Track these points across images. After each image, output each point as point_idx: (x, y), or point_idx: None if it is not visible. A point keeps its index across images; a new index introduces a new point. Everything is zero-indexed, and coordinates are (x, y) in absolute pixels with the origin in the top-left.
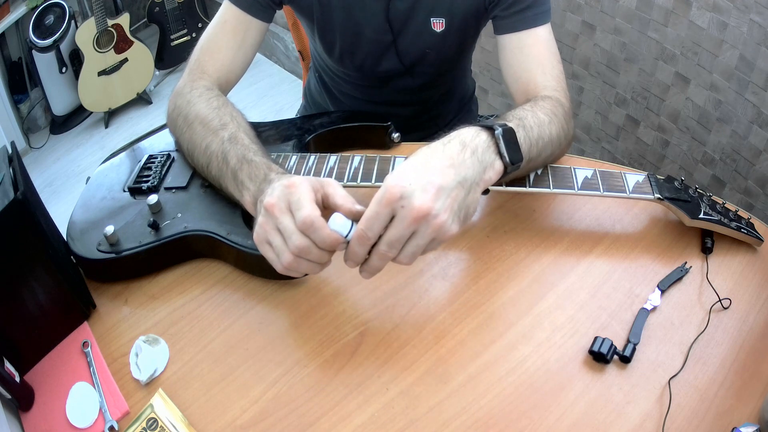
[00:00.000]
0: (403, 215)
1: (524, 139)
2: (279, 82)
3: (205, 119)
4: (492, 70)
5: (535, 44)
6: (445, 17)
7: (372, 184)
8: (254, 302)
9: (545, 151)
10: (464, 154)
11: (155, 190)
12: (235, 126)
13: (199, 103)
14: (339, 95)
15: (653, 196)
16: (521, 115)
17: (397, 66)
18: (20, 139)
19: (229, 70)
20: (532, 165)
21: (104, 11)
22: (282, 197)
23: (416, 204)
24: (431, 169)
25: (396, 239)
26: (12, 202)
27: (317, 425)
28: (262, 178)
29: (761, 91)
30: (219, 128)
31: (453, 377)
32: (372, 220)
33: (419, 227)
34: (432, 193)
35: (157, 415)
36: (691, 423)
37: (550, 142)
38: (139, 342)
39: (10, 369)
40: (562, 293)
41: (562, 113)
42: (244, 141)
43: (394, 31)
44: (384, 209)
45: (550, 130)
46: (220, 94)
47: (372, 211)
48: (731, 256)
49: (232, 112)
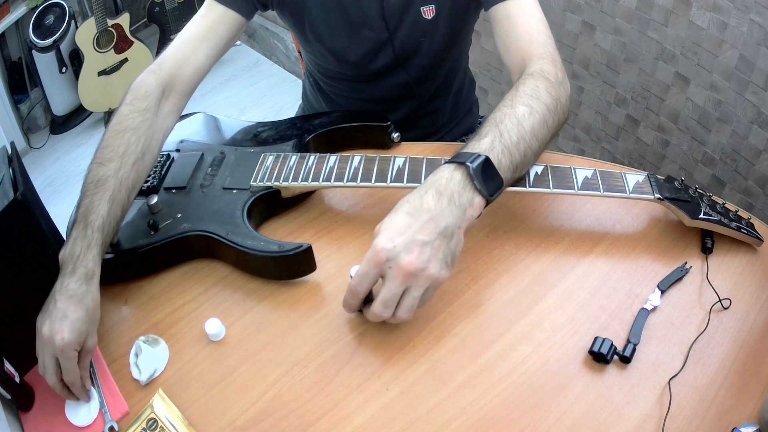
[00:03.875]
0: (392, 275)
1: (503, 153)
2: (279, 82)
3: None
4: (492, 70)
5: (520, 12)
6: (434, 3)
7: (372, 184)
8: (254, 302)
9: (531, 146)
10: (441, 204)
11: (155, 191)
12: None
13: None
14: (334, 97)
15: (653, 196)
16: (499, 119)
17: (392, 61)
18: (20, 139)
19: (186, 61)
20: (521, 168)
21: (104, 11)
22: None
23: (403, 264)
24: (413, 226)
25: (389, 298)
26: (12, 202)
27: (317, 425)
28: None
29: (761, 91)
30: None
31: (453, 377)
32: (362, 277)
33: (411, 283)
34: (416, 251)
35: (157, 415)
36: (691, 423)
37: (534, 136)
38: (139, 342)
39: (10, 369)
40: (562, 293)
41: (545, 88)
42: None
43: (390, 28)
44: (373, 270)
45: (532, 123)
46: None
47: (362, 269)
48: (731, 256)
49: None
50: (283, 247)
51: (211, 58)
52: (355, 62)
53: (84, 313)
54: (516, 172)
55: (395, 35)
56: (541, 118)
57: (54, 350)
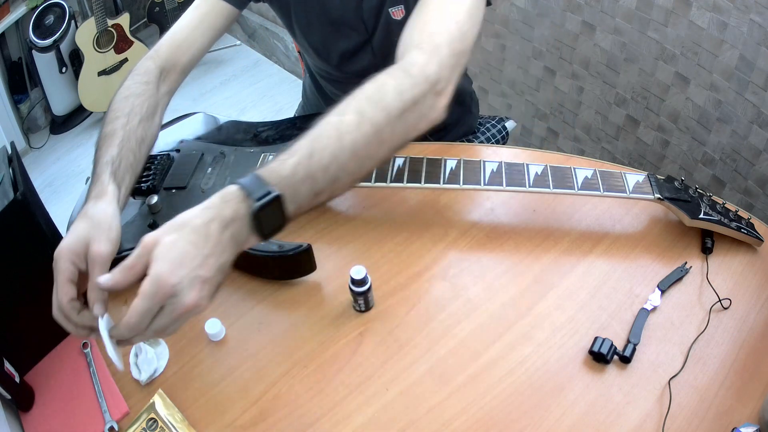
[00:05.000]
0: (172, 309)
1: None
2: (279, 82)
3: (112, 102)
4: (492, 70)
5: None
6: (403, 4)
7: (372, 184)
8: (254, 302)
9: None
10: (224, 237)
11: (155, 191)
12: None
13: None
14: (330, 94)
15: (653, 196)
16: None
17: (372, 62)
18: (20, 139)
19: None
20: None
21: (104, 11)
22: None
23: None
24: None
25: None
26: (12, 202)
27: (317, 425)
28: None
29: (761, 91)
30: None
31: (453, 377)
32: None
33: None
34: (198, 287)
35: (157, 415)
36: (691, 423)
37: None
38: (139, 342)
39: (10, 369)
40: (562, 293)
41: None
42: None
43: (368, 29)
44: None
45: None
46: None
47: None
48: (731, 256)
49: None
50: (283, 247)
51: (205, 45)
52: (336, 61)
53: (87, 222)
54: (318, 198)
55: (374, 36)
56: (372, 130)
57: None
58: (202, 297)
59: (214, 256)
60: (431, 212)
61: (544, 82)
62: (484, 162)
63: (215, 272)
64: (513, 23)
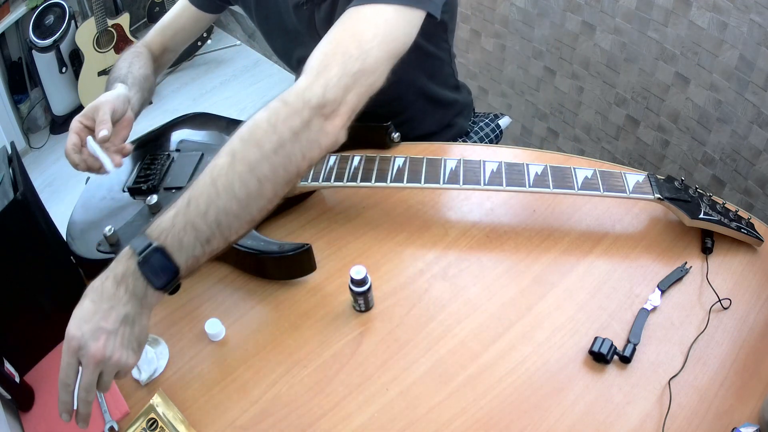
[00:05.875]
0: (86, 362)
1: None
2: (279, 82)
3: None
4: (492, 70)
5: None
6: None
7: (372, 184)
8: (254, 302)
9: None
10: (119, 292)
11: (155, 190)
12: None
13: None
14: None
15: (653, 196)
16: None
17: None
18: (20, 139)
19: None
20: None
21: (104, 11)
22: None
23: (91, 352)
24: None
25: (88, 383)
26: (12, 202)
27: (317, 425)
28: None
29: (761, 91)
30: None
31: (453, 377)
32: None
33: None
34: (102, 339)
35: (157, 415)
36: (691, 423)
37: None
38: None
39: (10, 369)
40: (562, 293)
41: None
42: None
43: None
44: (71, 359)
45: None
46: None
47: (63, 361)
48: (731, 256)
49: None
50: (283, 247)
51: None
52: (296, 65)
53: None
54: (211, 244)
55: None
56: (246, 168)
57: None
58: (110, 347)
59: (115, 310)
60: (431, 212)
61: (544, 82)
62: (484, 162)
63: (119, 324)
64: (513, 23)
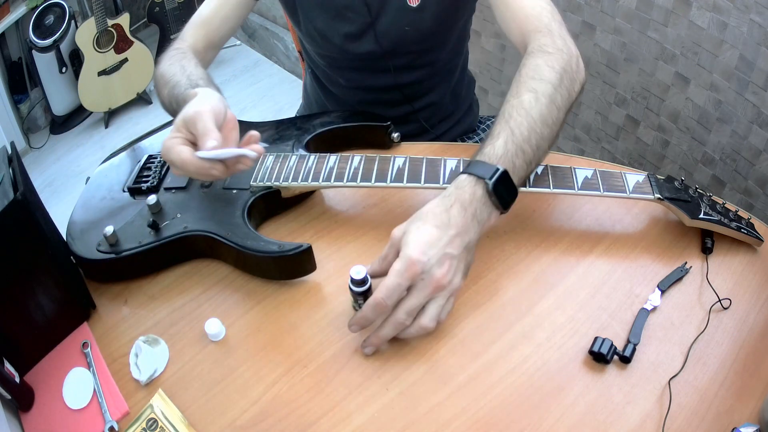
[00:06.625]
0: (422, 286)
1: (516, 154)
2: (279, 82)
3: (161, 75)
4: (492, 70)
5: None
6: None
7: (372, 184)
8: (254, 302)
9: (542, 136)
10: (466, 219)
11: (155, 190)
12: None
13: (161, 64)
14: (329, 86)
15: (653, 196)
16: (508, 114)
17: (375, 47)
18: (20, 139)
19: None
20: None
21: (104, 11)
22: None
23: (436, 276)
24: (443, 239)
25: (415, 307)
26: (12, 202)
27: (317, 425)
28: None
29: (761, 91)
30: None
31: (453, 377)
32: (393, 290)
33: (438, 294)
34: (447, 264)
35: (156, 415)
36: (691, 423)
37: (544, 123)
38: (139, 342)
39: (10, 369)
40: (562, 293)
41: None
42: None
43: (372, 13)
44: (406, 282)
45: (539, 110)
46: (183, 51)
47: (393, 282)
48: (731, 256)
49: (184, 63)
50: (283, 247)
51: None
52: (338, 45)
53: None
54: (530, 167)
55: (377, 21)
56: (548, 100)
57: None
58: (451, 273)
59: (460, 236)
60: None
61: None
62: None
63: (462, 250)
64: None
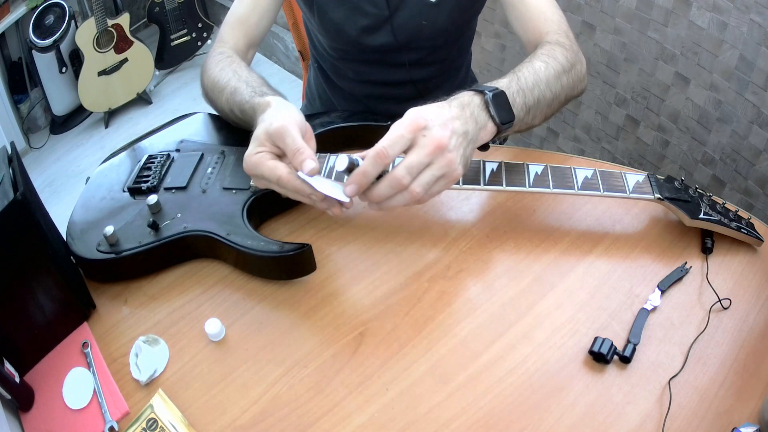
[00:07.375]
0: (424, 143)
1: (517, 93)
2: (279, 82)
3: (215, 81)
4: (492, 70)
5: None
6: None
7: None
8: (254, 302)
9: (544, 94)
10: (465, 113)
11: (155, 191)
12: (236, 79)
13: (211, 70)
14: (336, 80)
15: (653, 196)
16: (517, 68)
17: (391, 41)
18: (20, 139)
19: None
20: (533, 111)
21: (104, 11)
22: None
23: (437, 135)
24: (446, 114)
25: (415, 165)
26: (12, 202)
27: (317, 425)
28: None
29: (761, 91)
30: (224, 86)
31: (453, 377)
32: (395, 140)
33: (435, 158)
34: (449, 129)
35: (156, 415)
36: (691, 423)
37: (548, 86)
38: (139, 342)
39: (10, 369)
40: (562, 293)
41: (561, 52)
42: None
43: (390, 6)
44: (407, 134)
45: (547, 74)
46: (229, 55)
47: (396, 133)
48: (731, 256)
49: (235, 68)
50: (284, 247)
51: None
52: (353, 37)
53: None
54: (528, 115)
55: (395, 14)
56: (555, 72)
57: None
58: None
59: (460, 120)
60: (431, 212)
61: None
62: (484, 162)
63: (462, 131)
64: None
